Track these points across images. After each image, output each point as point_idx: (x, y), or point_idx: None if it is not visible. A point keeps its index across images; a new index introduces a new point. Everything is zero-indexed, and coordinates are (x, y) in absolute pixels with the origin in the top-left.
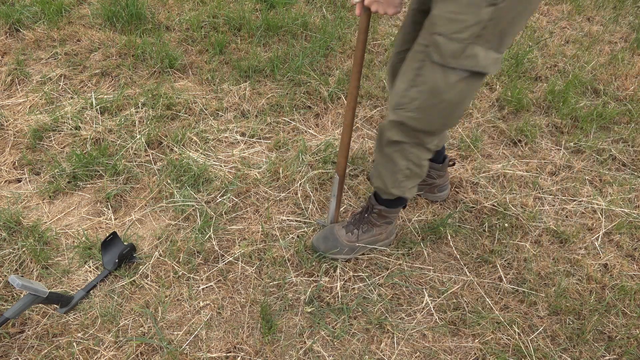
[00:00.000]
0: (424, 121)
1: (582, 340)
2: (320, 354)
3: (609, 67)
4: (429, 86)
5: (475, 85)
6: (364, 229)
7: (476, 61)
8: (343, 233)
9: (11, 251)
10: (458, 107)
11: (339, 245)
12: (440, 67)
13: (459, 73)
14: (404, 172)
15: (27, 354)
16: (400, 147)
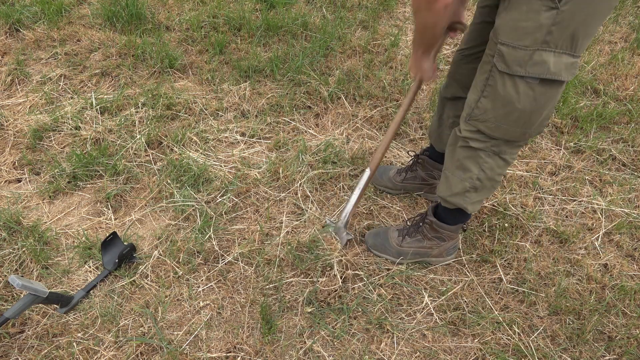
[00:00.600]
0: (500, 130)
1: (582, 340)
2: (320, 354)
3: (609, 67)
4: (499, 96)
5: (551, 93)
6: (414, 237)
7: (546, 68)
8: (395, 235)
9: (11, 251)
10: (535, 115)
11: (386, 245)
12: (508, 75)
13: (528, 81)
14: (473, 182)
15: (27, 354)
16: (475, 154)
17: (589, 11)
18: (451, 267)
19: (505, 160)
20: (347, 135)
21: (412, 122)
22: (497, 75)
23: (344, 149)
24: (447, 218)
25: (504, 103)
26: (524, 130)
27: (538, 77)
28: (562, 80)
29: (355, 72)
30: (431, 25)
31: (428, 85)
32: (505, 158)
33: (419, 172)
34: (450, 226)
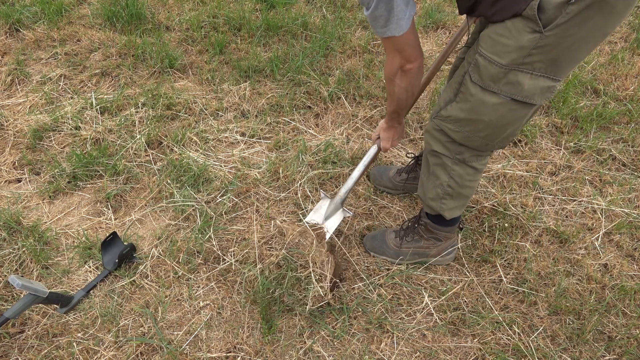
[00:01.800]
0: (462, 136)
1: (582, 340)
2: (320, 354)
3: (609, 67)
4: (469, 105)
5: (521, 112)
6: (411, 238)
7: (519, 89)
8: (392, 236)
9: (11, 251)
10: (500, 130)
11: (384, 247)
12: (480, 87)
13: (500, 97)
14: (444, 189)
15: (27, 354)
16: (441, 162)
17: (577, 38)
18: (451, 267)
19: (474, 168)
20: (347, 135)
21: (412, 122)
22: (470, 84)
23: (344, 149)
24: (439, 219)
25: (471, 112)
26: (486, 142)
27: (510, 97)
28: (532, 104)
29: (355, 72)
30: (410, 89)
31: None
32: (473, 166)
33: (419, 173)
34: (444, 227)
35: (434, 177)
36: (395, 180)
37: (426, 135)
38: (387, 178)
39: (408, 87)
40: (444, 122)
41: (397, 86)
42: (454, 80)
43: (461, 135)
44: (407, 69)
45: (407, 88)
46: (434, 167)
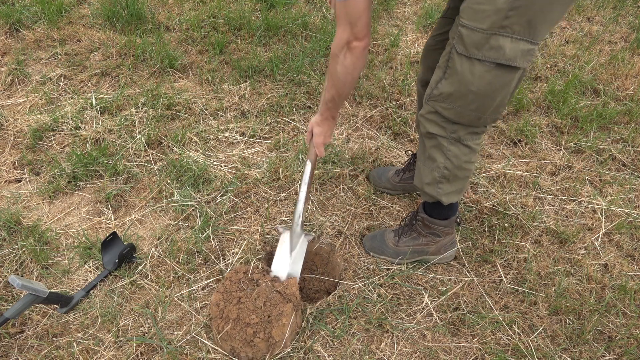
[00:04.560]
0: (455, 112)
1: (582, 340)
2: (320, 354)
3: (609, 67)
4: (457, 78)
5: (505, 79)
6: (409, 236)
7: (502, 53)
8: (391, 236)
9: (11, 251)
10: (489, 99)
11: (383, 246)
12: (465, 58)
13: (485, 64)
14: (441, 171)
15: (27, 354)
16: (438, 142)
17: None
18: (451, 267)
19: (469, 147)
20: (347, 135)
21: (412, 122)
22: (456, 56)
23: (344, 149)
24: (436, 213)
25: (460, 85)
26: (478, 115)
27: (494, 62)
28: (517, 67)
29: None
30: (351, 71)
31: None
32: (468, 145)
33: None
34: (441, 221)
35: (430, 160)
36: (395, 180)
37: (420, 119)
38: (387, 179)
39: (350, 67)
40: (436, 102)
41: (340, 64)
42: (441, 60)
43: (454, 112)
44: (354, 46)
45: (349, 68)
46: (430, 149)
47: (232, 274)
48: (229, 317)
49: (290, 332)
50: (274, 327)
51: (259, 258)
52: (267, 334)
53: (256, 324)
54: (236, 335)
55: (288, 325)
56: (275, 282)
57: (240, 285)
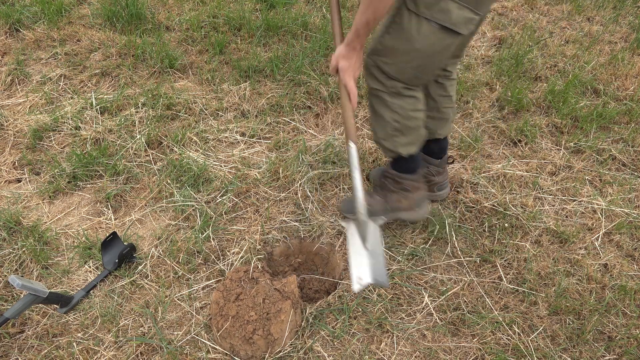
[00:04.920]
0: (396, 68)
1: (582, 340)
2: (320, 354)
3: (609, 67)
4: (402, 34)
5: (446, 42)
6: (380, 194)
7: (448, 16)
8: (366, 197)
9: (11, 251)
10: (429, 59)
11: (374, 206)
12: (415, 15)
13: (431, 24)
14: (392, 125)
15: (27, 354)
16: (381, 98)
17: None
18: (451, 267)
19: (412, 97)
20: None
21: None
22: (405, 12)
23: (344, 148)
24: (402, 168)
25: (404, 40)
26: (417, 74)
27: (440, 24)
28: (458, 33)
29: None
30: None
31: None
32: (410, 95)
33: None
34: (409, 175)
35: (379, 117)
36: None
37: (364, 72)
38: None
39: None
40: (379, 56)
41: None
42: (387, 17)
43: (395, 68)
44: None
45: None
46: (377, 107)
47: (233, 273)
48: (228, 315)
49: (290, 330)
50: (273, 324)
51: (259, 258)
52: (265, 331)
53: (255, 321)
54: (235, 332)
55: (287, 322)
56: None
57: (240, 283)
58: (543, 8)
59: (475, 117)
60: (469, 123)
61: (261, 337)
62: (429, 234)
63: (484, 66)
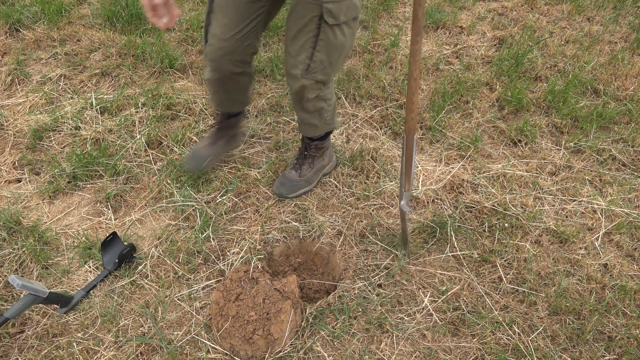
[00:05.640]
0: (334, 71)
1: (582, 340)
2: (320, 354)
3: (609, 67)
4: (332, 45)
5: (356, 27)
6: (308, 163)
7: (354, 6)
8: (294, 173)
9: (11, 251)
10: (350, 49)
11: (294, 184)
12: (337, 26)
13: (349, 22)
14: (329, 112)
15: (27, 354)
16: (320, 97)
17: None
18: (451, 267)
19: (332, 81)
20: (347, 135)
21: None
22: (328, 28)
23: (344, 149)
24: (325, 136)
25: (337, 49)
26: (344, 62)
27: (353, 17)
28: (359, 14)
29: (355, 72)
30: None
31: (428, 86)
32: (332, 80)
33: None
34: (326, 138)
35: (318, 113)
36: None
37: (304, 91)
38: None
39: None
40: (316, 73)
41: None
42: (304, 40)
43: (328, 74)
44: None
45: None
46: (316, 105)
47: (233, 273)
48: (229, 315)
49: (290, 330)
50: (273, 324)
51: (259, 258)
52: (265, 331)
53: (255, 321)
54: (235, 332)
55: (287, 322)
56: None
57: (240, 283)
58: (543, 8)
59: (475, 117)
60: (469, 123)
61: (261, 337)
62: (429, 234)
63: (484, 66)
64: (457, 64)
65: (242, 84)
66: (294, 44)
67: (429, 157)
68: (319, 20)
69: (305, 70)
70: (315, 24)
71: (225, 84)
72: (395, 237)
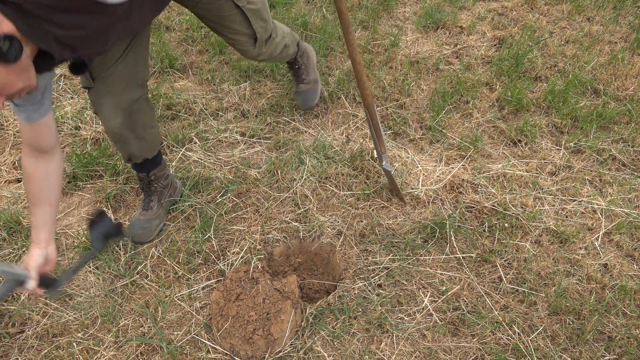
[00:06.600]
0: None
1: (582, 340)
2: (320, 354)
3: (609, 67)
4: (259, 9)
5: None
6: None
7: None
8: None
9: (11, 251)
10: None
11: (314, 91)
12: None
13: None
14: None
15: (27, 354)
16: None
17: None
18: (451, 267)
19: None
20: (347, 135)
21: (412, 122)
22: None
23: (344, 149)
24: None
25: (262, 9)
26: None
27: None
28: None
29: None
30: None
31: (428, 86)
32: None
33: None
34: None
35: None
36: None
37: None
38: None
39: None
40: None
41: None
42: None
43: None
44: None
45: None
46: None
47: (233, 273)
48: (229, 315)
49: (290, 330)
50: (273, 324)
51: (259, 258)
52: (266, 331)
53: (255, 321)
54: (235, 332)
55: (287, 322)
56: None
57: (240, 283)
58: (543, 8)
59: (475, 117)
60: (469, 123)
61: (261, 337)
62: (429, 234)
63: (484, 66)
64: (457, 64)
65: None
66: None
67: (429, 157)
68: (231, 4)
69: (254, 43)
70: (232, 8)
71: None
72: (394, 236)
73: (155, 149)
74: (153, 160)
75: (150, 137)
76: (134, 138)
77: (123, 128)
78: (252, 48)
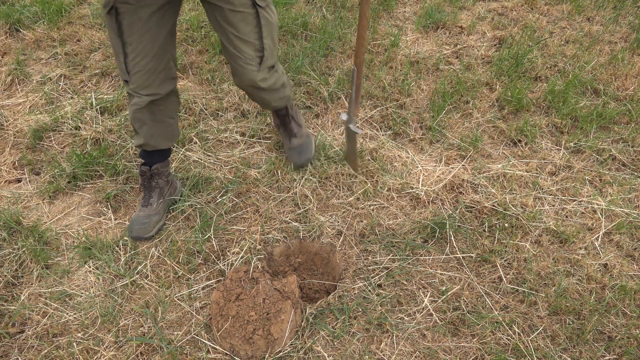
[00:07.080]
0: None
1: (582, 340)
2: (320, 354)
3: (609, 67)
4: (272, 25)
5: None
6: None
7: None
8: (302, 132)
9: (11, 251)
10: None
11: (304, 147)
12: (266, 6)
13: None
14: (288, 81)
15: (27, 354)
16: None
17: None
18: (451, 267)
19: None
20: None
21: (412, 122)
22: (263, 11)
23: (344, 149)
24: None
25: (274, 28)
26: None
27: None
28: None
29: None
30: None
31: (428, 86)
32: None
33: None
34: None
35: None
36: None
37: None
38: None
39: None
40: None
41: None
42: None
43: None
44: None
45: None
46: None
47: (233, 273)
48: (229, 315)
49: (290, 330)
50: (273, 324)
51: (259, 258)
52: (266, 330)
53: (255, 321)
54: (235, 332)
55: (287, 322)
56: (275, 280)
57: (240, 283)
58: (543, 8)
59: (475, 117)
60: (469, 123)
61: (261, 337)
62: (428, 234)
63: (484, 66)
64: (457, 64)
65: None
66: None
67: (429, 157)
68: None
69: (260, 64)
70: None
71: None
72: (394, 236)
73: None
74: (162, 153)
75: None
76: (152, 121)
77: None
78: (256, 68)
